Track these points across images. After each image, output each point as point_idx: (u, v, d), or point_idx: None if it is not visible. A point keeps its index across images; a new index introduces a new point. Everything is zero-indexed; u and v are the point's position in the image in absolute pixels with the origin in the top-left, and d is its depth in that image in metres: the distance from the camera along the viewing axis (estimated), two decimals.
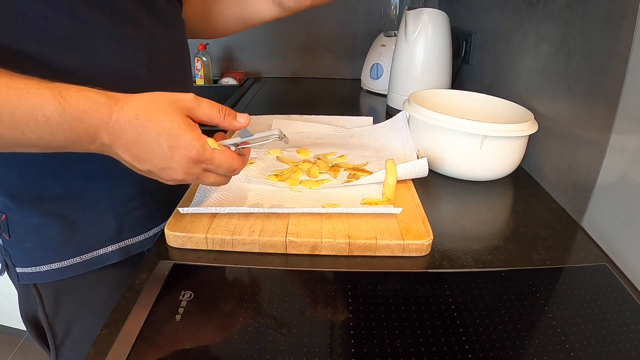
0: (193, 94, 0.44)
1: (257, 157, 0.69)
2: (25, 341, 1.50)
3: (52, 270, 0.57)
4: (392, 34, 1.21)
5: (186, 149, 0.41)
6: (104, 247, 0.59)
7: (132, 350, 0.37)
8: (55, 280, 0.58)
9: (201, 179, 0.45)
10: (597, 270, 0.49)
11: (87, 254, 0.58)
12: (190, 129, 0.42)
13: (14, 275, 0.58)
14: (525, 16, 0.78)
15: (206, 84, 1.40)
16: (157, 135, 0.40)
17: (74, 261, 0.58)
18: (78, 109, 0.38)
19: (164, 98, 0.42)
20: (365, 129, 0.82)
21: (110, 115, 0.40)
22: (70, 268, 0.57)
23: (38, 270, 0.57)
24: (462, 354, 0.37)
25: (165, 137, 0.41)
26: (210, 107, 0.44)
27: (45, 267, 0.57)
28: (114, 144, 0.41)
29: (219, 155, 0.44)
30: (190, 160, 0.42)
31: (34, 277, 0.57)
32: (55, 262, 0.57)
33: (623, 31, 0.51)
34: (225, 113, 0.45)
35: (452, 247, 0.53)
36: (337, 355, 0.38)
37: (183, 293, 0.44)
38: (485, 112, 0.78)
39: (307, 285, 0.46)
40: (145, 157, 0.42)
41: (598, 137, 0.55)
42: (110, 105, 0.40)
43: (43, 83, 0.38)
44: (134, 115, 0.40)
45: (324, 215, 0.54)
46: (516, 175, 0.72)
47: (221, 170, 0.45)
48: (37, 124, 0.38)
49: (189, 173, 0.43)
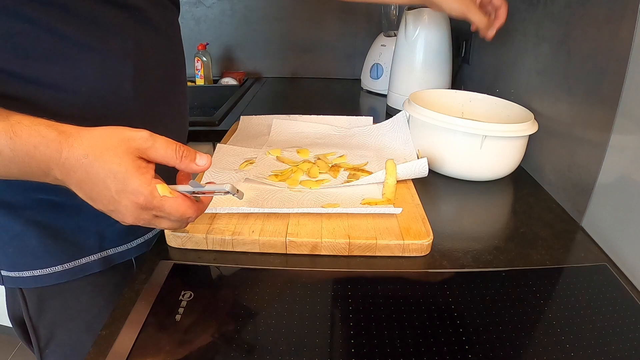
0: (148, 132, 0.40)
1: (257, 157, 0.69)
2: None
3: (34, 277, 0.56)
4: (392, 34, 1.21)
5: (133, 195, 0.39)
6: (85, 257, 0.58)
7: (132, 350, 0.37)
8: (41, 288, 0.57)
9: (153, 223, 0.42)
10: (597, 270, 0.49)
11: (69, 262, 0.57)
12: (139, 174, 0.39)
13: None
14: (525, 16, 0.78)
15: (206, 84, 1.40)
16: (104, 178, 0.39)
17: (55, 269, 0.57)
18: (28, 144, 0.38)
19: (115, 136, 0.39)
20: (365, 129, 0.82)
21: (60, 152, 0.38)
22: (52, 276, 0.57)
23: (21, 276, 0.56)
24: (462, 354, 0.37)
25: (112, 180, 0.39)
26: (165, 147, 0.41)
27: (27, 272, 0.56)
28: (66, 181, 0.40)
29: (169, 203, 0.41)
30: (138, 207, 0.40)
31: (17, 282, 0.57)
32: (37, 269, 0.56)
33: (623, 31, 0.51)
34: (182, 154, 0.41)
35: (452, 247, 0.53)
36: (337, 355, 0.38)
37: (183, 293, 0.44)
38: (485, 112, 0.78)
39: (307, 285, 0.46)
40: (95, 197, 0.40)
41: (598, 137, 0.55)
42: (60, 141, 0.38)
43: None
44: (82, 154, 0.38)
45: (324, 215, 0.54)
46: (516, 175, 0.72)
47: (173, 218, 0.42)
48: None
49: (139, 218, 0.41)
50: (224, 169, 0.65)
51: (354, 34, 1.43)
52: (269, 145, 0.75)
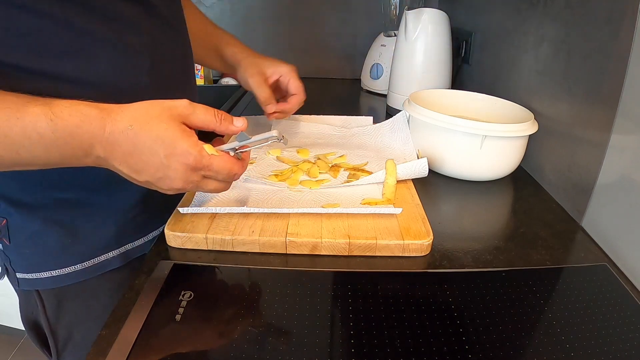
0: (187, 100, 0.42)
1: (257, 157, 0.69)
2: (26, 341, 1.50)
3: (52, 277, 0.56)
4: (392, 34, 1.21)
5: (183, 157, 0.40)
6: (104, 254, 0.59)
7: (132, 350, 0.37)
8: (61, 287, 0.57)
9: (201, 186, 0.44)
10: (597, 270, 0.49)
11: (88, 261, 0.58)
12: (186, 136, 0.41)
13: (14, 280, 0.57)
14: (525, 16, 0.78)
15: (206, 83, 1.40)
16: (152, 144, 0.39)
17: (74, 268, 0.57)
18: (70, 124, 0.38)
19: (158, 106, 0.41)
20: (365, 129, 0.82)
21: (104, 127, 0.39)
22: (70, 275, 0.57)
23: (38, 277, 0.56)
24: (462, 354, 0.37)
25: (160, 145, 0.40)
26: (205, 112, 0.43)
27: (45, 273, 0.56)
28: (110, 157, 0.40)
29: (217, 161, 0.43)
30: (188, 168, 0.41)
31: (35, 284, 0.57)
32: (56, 269, 0.56)
33: (623, 31, 0.51)
34: (221, 118, 0.44)
35: (452, 247, 0.53)
36: (337, 355, 0.38)
37: (183, 293, 0.44)
38: (485, 112, 0.78)
39: (307, 285, 0.46)
40: (142, 167, 0.41)
41: (598, 137, 0.55)
42: (102, 117, 0.39)
43: (33, 100, 0.38)
44: (127, 125, 0.39)
45: (324, 215, 0.54)
46: (516, 175, 0.72)
47: (220, 176, 0.44)
48: (31, 142, 0.37)
49: (188, 181, 0.42)
50: None
51: (354, 34, 1.43)
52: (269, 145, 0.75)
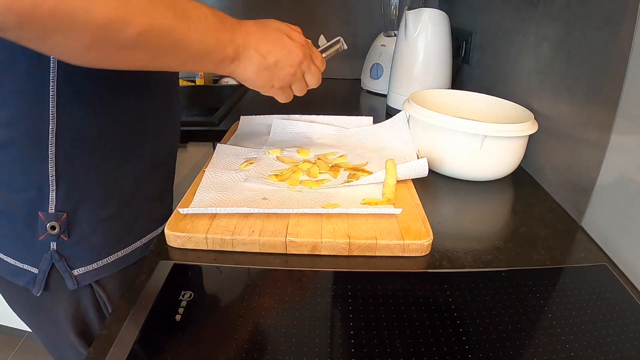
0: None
1: (257, 157, 0.69)
2: (26, 340, 1.50)
3: (119, 259, 0.59)
4: (392, 34, 1.21)
5: (299, 34, 0.54)
6: (155, 230, 0.63)
7: (132, 351, 0.37)
8: (120, 270, 0.59)
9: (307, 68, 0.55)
10: (597, 270, 0.49)
11: (145, 237, 0.62)
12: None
13: (67, 282, 0.55)
14: (525, 16, 0.78)
15: (206, 84, 1.40)
16: (275, 28, 0.52)
17: (135, 245, 0.60)
18: (221, 13, 0.46)
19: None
20: (365, 129, 0.82)
21: (240, 22, 0.49)
22: (132, 253, 0.60)
23: (105, 263, 0.57)
24: (462, 354, 0.37)
25: (281, 27, 0.53)
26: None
27: (112, 257, 0.58)
28: (247, 42, 0.49)
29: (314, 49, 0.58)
30: (303, 41, 0.54)
31: (99, 273, 0.57)
32: (122, 250, 0.59)
33: (623, 31, 0.51)
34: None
35: (452, 247, 0.53)
36: (337, 355, 0.38)
37: (183, 293, 0.44)
38: (485, 112, 0.78)
39: (307, 285, 0.46)
40: (271, 48, 0.50)
41: (598, 137, 0.55)
42: (235, 19, 0.49)
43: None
44: (254, 21, 0.51)
45: (324, 216, 0.54)
46: (516, 175, 0.72)
47: (317, 61, 0.57)
48: (200, 20, 0.43)
49: (305, 54, 0.54)
50: (224, 169, 0.65)
51: (354, 34, 1.43)
52: (269, 145, 0.75)
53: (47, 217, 0.52)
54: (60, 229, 0.53)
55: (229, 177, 0.63)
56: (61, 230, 0.53)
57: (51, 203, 0.52)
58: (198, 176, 0.64)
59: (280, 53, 0.51)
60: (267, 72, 0.52)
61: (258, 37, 0.50)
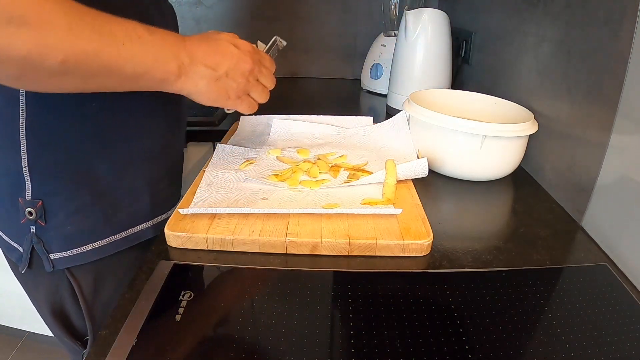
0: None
1: (257, 157, 0.69)
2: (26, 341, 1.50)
3: (93, 250, 0.58)
4: (392, 34, 1.21)
5: (245, 44, 0.55)
6: (140, 225, 0.62)
7: (132, 351, 0.37)
8: (94, 262, 0.59)
9: (258, 74, 0.56)
10: (597, 270, 0.49)
11: (126, 230, 0.61)
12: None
13: (45, 264, 0.57)
14: (525, 16, 0.78)
15: None
16: (219, 39, 0.53)
17: (114, 238, 0.60)
18: (161, 31, 0.46)
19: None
20: (365, 129, 0.82)
21: (184, 39, 0.49)
22: (110, 246, 0.59)
23: (79, 252, 0.57)
24: (462, 354, 0.37)
25: (225, 37, 0.53)
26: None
27: (86, 247, 0.58)
28: (194, 57, 0.49)
29: (263, 53, 0.59)
30: (249, 46, 0.55)
31: (73, 260, 0.58)
32: (97, 241, 0.58)
33: (623, 31, 0.51)
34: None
35: (452, 247, 0.53)
36: (337, 355, 0.38)
37: (183, 293, 0.44)
38: (485, 112, 0.78)
39: (307, 285, 0.46)
40: (220, 59, 0.51)
41: (598, 137, 0.55)
42: (181, 36, 0.49)
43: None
44: (197, 35, 0.51)
45: (324, 216, 0.54)
46: (516, 175, 0.72)
47: (267, 65, 0.58)
48: (132, 40, 0.43)
49: (254, 59, 0.54)
50: (224, 169, 0.65)
51: (354, 34, 1.43)
52: (269, 145, 0.75)
53: (25, 202, 0.55)
54: (37, 215, 0.55)
55: (229, 177, 0.63)
56: (37, 216, 0.55)
57: (28, 190, 0.54)
58: (198, 176, 0.64)
59: (230, 62, 0.52)
60: (219, 84, 0.52)
61: (205, 50, 0.50)
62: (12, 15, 0.35)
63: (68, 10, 0.38)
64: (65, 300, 0.61)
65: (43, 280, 0.60)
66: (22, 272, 0.59)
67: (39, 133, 0.52)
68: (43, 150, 0.53)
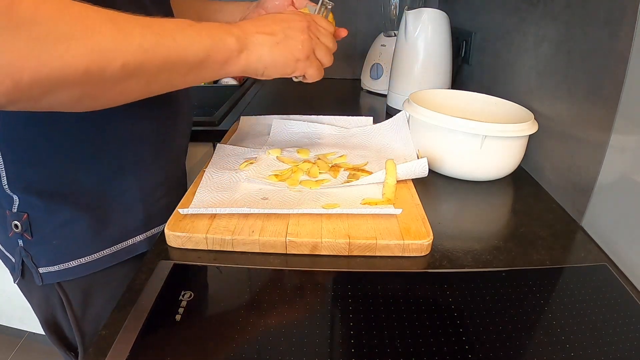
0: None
1: (257, 157, 0.69)
2: (26, 341, 1.50)
3: (81, 265, 0.56)
4: (392, 34, 1.21)
5: (294, 11, 0.55)
6: (132, 238, 0.60)
7: (132, 351, 0.37)
8: (84, 276, 0.57)
9: (317, 39, 0.53)
10: (597, 270, 0.49)
11: (116, 245, 0.58)
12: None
13: (35, 277, 0.56)
14: (525, 16, 0.78)
15: (206, 84, 1.40)
16: (262, 15, 0.54)
17: (103, 254, 0.58)
18: (209, 22, 0.46)
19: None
20: (365, 129, 0.82)
21: (229, 23, 0.48)
22: (99, 261, 0.57)
23: (66, 267, 0.56)
24: (462, 354, 0.37)
25: (274, 13, 0.54)
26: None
27: (74, 262, 0.56)
28: (246, 31, 0.47)
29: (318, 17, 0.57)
30: (303, 15, 0.53)
31: (61, 275, 0.56)
32: (85, 257, 0.57)
33: (623, 31, 0.51)
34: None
35: (452, 247, 0.53)
36: (337, 355, 0.38)
37: (183, 293, 0.44)
38: (485, 112, 0.78)
39: (307, 285, 0.46)
40: (272, 25, 0.49)
41: (598, 137, 0.55)
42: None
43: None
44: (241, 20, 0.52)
45: (324, 216, 0.54)
46: (516, 175, 0.72)
47: (324, 28, 0.55)
48: (183, 28, 0.42)
49: (308, 19, 0.53)
50: (224, 169, 0.65)
51: (354, 34, 1.43)
52: (269, 145, 0.75)
53: (11, 215, 0.54)
54: (22, 228, 0.54)
55: (229, 177, 0.63)
56: (23, 229, 0.54)
57: (15, 203, 0.54)
58: (198, 176, 0.64)
59: (284, 25, 0.50)
60: (282, 47, 0.49)
61: (254, 23, 0.49)
62: (57, 35, 0.33)
63: (112, 16, 0.37)
64: (57, 311, 0.60)
65: (35, 290, 0.60)
66: (15, 282, 0.58)
67: (16, 149, 0.51)
68: (22, 165, 0.52)
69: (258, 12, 0.70)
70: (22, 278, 0.58)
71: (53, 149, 0.51)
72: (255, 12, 0.70)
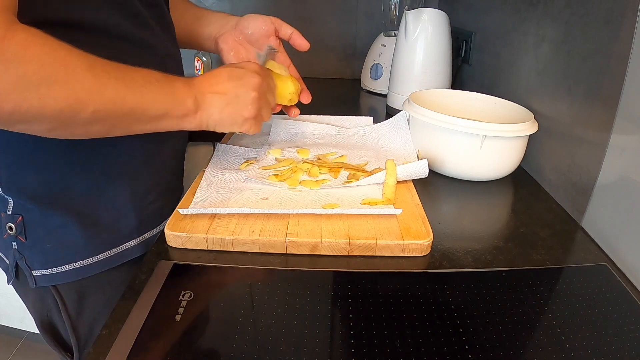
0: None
1: (257, 157, 0.69)
2: (25, 341, 1.50)
3: (74, 270, 0.57)
4: (392, 34, 1.21)
5: (248, 62, 0.57)
6: (125, 243, 0.60)
7: (132, 351, 0.37)
8: (78, 280, 0.57)
9: (268, 84, 0.57)
10: (597, 270, 0.49)
11: (110, 250, 0.59)
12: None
13: (29, 280, 0.57)
14: (525, 16, 0.78)
15: None
16: (222, 68, 0.55)
17: (97, 258, 0.58)
18: (169, 75, 0.49)
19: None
20: (365, 129, 0.82)
21: (192, 78, 0.52)
22: (93, 266, 0.58)
23: (60, 271, 0.56)
24: (462, 354, 0.37)
25: (230, 65, 0.56)
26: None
27: (67, 266, 0.56)
28: (202, 90, 0.51)
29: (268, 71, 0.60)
30: (256, 65, 0.56)
31: (55, 279, 0.57)
32: (78, 261, 0.57)
33: (623, 31, 0.51)
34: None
35: (452, 247, 0.53)
36: (337, 355, 0.38)
37: (183, 293, 0.44)
38: (485, 112, 0.78)
39: (307, 285, 0.46)
40: (226, 83, 0.52)
41: (598, 137, 0.55)
42: (185, 78, 0.52)
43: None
44: (206, 73, 0.54)
45: (324, 216, 0.54)
46: (516, 175, 0.72)
47: (271, 81, 0.59)
48: (150, 84, 0.46)
49: (261, 74, 0.55)
50: (224, 168, 0.65)
51: (354, 34, 1.43)
52: (269, 145, 0.75)
53: (6, 217, 0.54)
54: (17, 231, 0.54)
55: (229, 177, 0.63)
56: (17, 232, 0.54)
57: (10, 205, 0.54)
58: (198, 176, 0.64)
59: (237, 83, 0.53)
60: (232, 107, 0.53)
61: (209, 81, 0.52)
62: (41, 77, 0.37)
63: (91, 64, 0.41)
64: (53, 313, 0.60)
65: (30, 291, 0.60)
66: (9, 284, 0.59)
67: (9, 154, 0.51)
68: (15, 170, 0.52)
69: (234, 35, 0.71)
70: (16, 279, 0.58)
71: (44, 154, 0.52)
72: (231, 35, 0.71)
